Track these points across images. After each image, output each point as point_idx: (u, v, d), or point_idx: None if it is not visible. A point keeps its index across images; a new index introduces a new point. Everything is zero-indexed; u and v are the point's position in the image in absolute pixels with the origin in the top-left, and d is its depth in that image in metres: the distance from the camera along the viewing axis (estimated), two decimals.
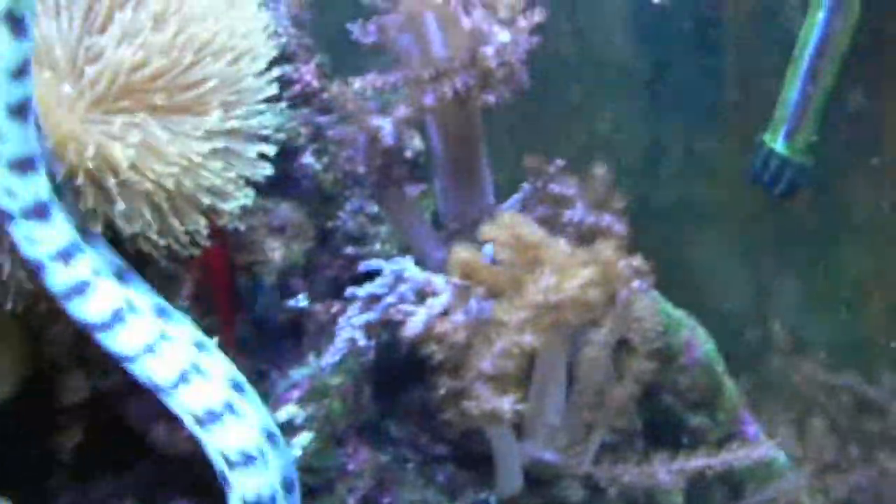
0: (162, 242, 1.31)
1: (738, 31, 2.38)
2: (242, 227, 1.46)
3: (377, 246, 1.76)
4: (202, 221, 1.33)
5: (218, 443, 1.19)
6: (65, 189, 1.21)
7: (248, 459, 1.19)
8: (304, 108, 1.73)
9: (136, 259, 1.34)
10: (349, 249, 1.71)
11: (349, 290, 1.60)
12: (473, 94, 1.51)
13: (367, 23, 1.53)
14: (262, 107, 1.40)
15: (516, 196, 1.69)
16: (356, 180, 1.66)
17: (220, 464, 1.20)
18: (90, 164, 1.19)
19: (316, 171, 1.71)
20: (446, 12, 1.47)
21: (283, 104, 1.45)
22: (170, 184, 1.27)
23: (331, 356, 1.57)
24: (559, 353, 1.57)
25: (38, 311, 1.43)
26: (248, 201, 1.39)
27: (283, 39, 1.52)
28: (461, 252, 1.48)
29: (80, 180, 1.20)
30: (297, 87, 1.72)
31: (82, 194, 1.21)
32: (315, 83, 1.74)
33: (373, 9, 1.54)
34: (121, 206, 1.24)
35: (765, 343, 2.49)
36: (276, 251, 1.55)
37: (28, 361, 1.47)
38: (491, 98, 1.51)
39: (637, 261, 1.53)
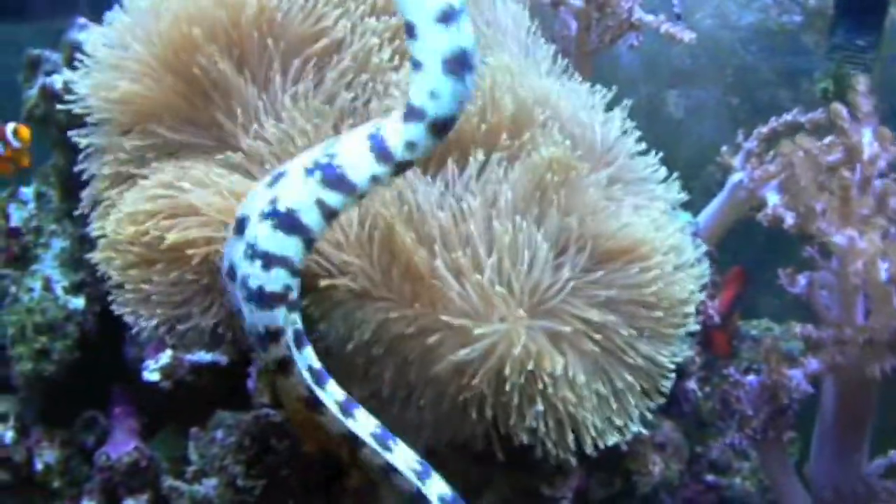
0: (550, 445, 1.37)
1: None
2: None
3: (737, 480, 1.84)
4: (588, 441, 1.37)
5: None
6: None
7: None
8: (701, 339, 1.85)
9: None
10: (710, 477, 1.78)
11: None
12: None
13: (796, 274, 1.65)
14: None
15: (881, 460, 1.72)
16: (732, 414, 1.74)
17: None
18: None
19: (698, 398, 1.81)
20: (880, 289, 1.56)
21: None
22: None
23: None
24: None
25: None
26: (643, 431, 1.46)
27: None
28: None
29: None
30: (698, 318, 1.84)
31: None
32: (716, 319, 1.86)
33: (805, 263, 1.67)
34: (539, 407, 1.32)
35: None
36: (656, 466, 1.64)
37: None
38: None
39: None
